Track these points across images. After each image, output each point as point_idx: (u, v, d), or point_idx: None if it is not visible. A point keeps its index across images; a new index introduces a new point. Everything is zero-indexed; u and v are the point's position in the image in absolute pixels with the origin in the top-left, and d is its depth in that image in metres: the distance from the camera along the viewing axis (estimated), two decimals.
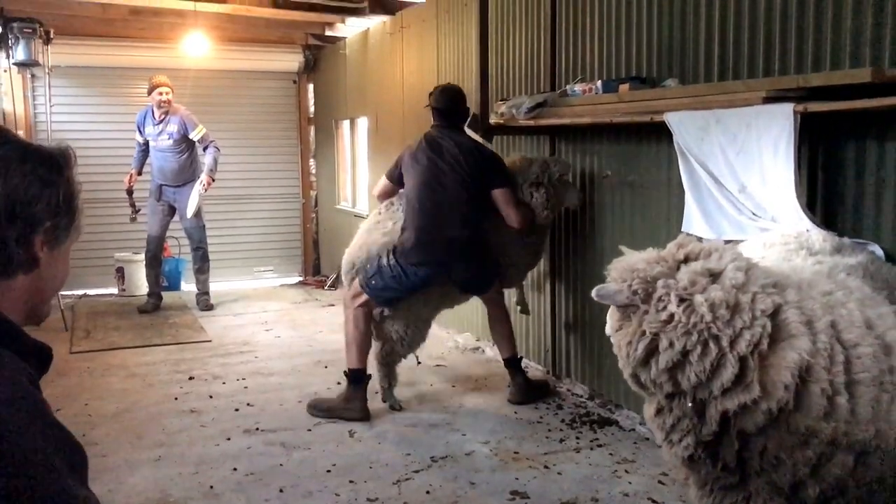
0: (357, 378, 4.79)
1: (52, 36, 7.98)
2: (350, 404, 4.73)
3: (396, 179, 4.99)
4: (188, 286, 8.95)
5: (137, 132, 8.03)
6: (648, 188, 4.37)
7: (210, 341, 6.85)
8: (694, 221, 3.66)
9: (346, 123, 9.52)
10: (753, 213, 3.37)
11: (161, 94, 7.74)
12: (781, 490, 2.36)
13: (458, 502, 3.72)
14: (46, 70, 8.20)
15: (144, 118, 7.94)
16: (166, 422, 4.80)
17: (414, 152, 4.85)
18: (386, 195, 5.12)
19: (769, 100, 3.18)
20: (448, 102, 4.92)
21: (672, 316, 2.28)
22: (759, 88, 3.26)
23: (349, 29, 8.89)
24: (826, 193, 3.39)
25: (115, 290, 8.98)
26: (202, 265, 8.19)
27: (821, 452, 2.26)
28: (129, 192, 7.91)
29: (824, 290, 2.43)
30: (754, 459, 2.35)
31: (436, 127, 4.92)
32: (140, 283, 8.62)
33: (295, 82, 10.27)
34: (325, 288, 9.43)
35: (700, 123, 3.53)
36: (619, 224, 4.64)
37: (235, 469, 4.10)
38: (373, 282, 4.72)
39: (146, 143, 7.99)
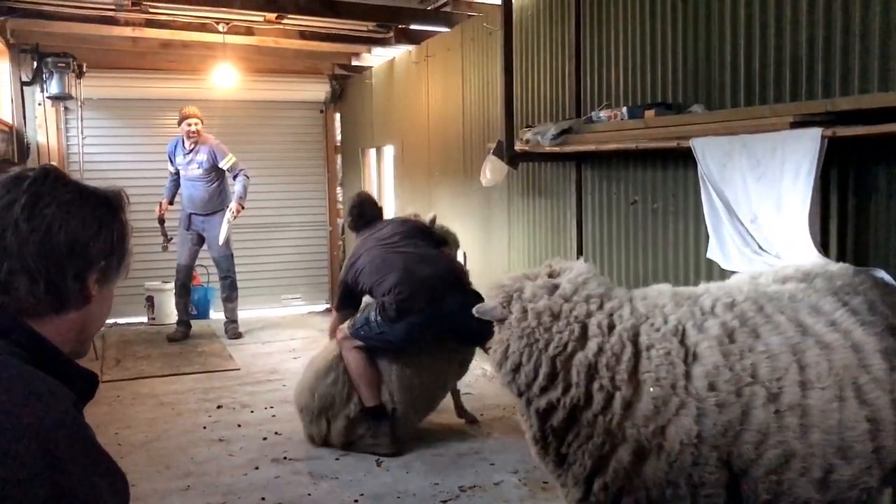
0: (376, 415, 4.71)
1: (84, 70, 8.16)
2: (378, 440, 4.69)
3: (353, 301, 5.00)
4: (217, 314, 9.02)
5: (169, 162, 8.17)
6: (676, 214, 4.34)
7: (238, 369, 6.88)
8: (712, 249, 3.68)
9: (372, 152, 9.59)
10: (760, 247, 3.39)
11: (190, 125, 7.86)
12: (580, 483, 2.61)
13: None
14: (79, 103, 8.38)
15: (175, 148, 8.07)
16: (195, 451, 4.82)
17: (358, 256, 4.95)
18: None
19: (797, 125, 3.16)
20: (359, 209, 5.26)
21: (511, 323, 2.65)
22: (787, 113, 3.24)
23: (375, 59, 8.99)
24: (857, 218, 3.34)
25: (144, 319, 9.07)
26: (230, 294, 8.25)
27: (601, 443, 2.50)
28: (161, 220, 8.02)
29: (656, 304, 2.64)
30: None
31: (363, 234, 5.15)
32: (170, 312, 8.71)
33: (322, 111, 10.38)
34: None
35: (725, 149, 3.51)
36: (646, 251, 4.60)
37: (263, 499, 4.10)
38: (361, 332, 4.72)
39: (177, 173, 8.12)
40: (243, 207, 7.97)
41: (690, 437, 2.38)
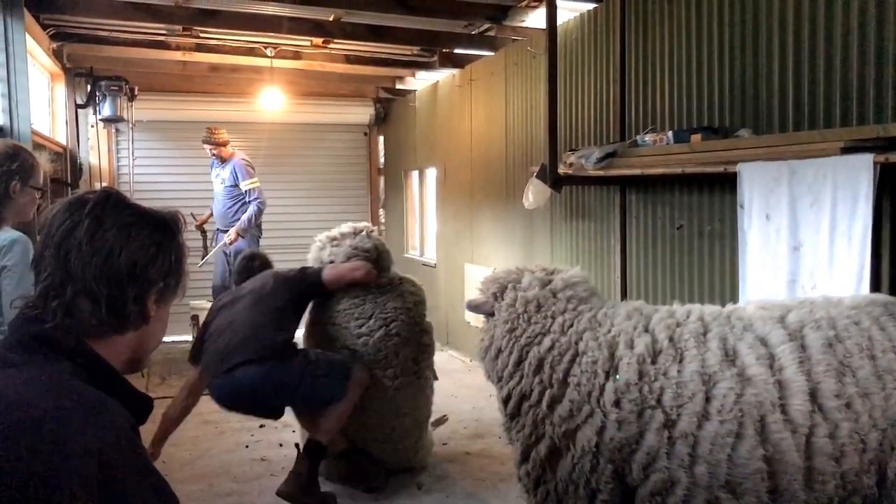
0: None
1: (136, 93, 8.36)
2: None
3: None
4: None
5: (211, 169, 8.34)
6: (723, 240, 4.28)
7: None
8: (742, 276, 3.67)
9: (414, 174, 9.66)
10: (793, 280, 3.34)
11: (206, 149, 8.08)
12: (516, 466, 2.84)
13: None
14: (130, 125, 8.58)
15: (213, 162, 8.23)
16: (237, 470, 4.85)
17: (219, 307, 4.60)
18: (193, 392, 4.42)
19: (847, 150, 3.11)
20: (248, 263, 4.92)
21: (500, 309, 2.84)
22: (837, 139, 3.19)
23: (419, 82, 9.07)
24: None
25: (189, 337, 9.17)
26: None
27: (528, 434, 2.70)
28: (202, 231, 8.11)
29: (616, 314, 2.74)
30: None
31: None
32: None
33: (366, 134, 10.50)
34: None
35: (773, 174, 3.48)
36: (691, 276, 4.55)
37: None
38: None
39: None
40: (241, 237, 7.87)
41: (590, 445, 2.53)
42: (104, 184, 8.97)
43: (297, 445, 4.41)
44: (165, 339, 5.77)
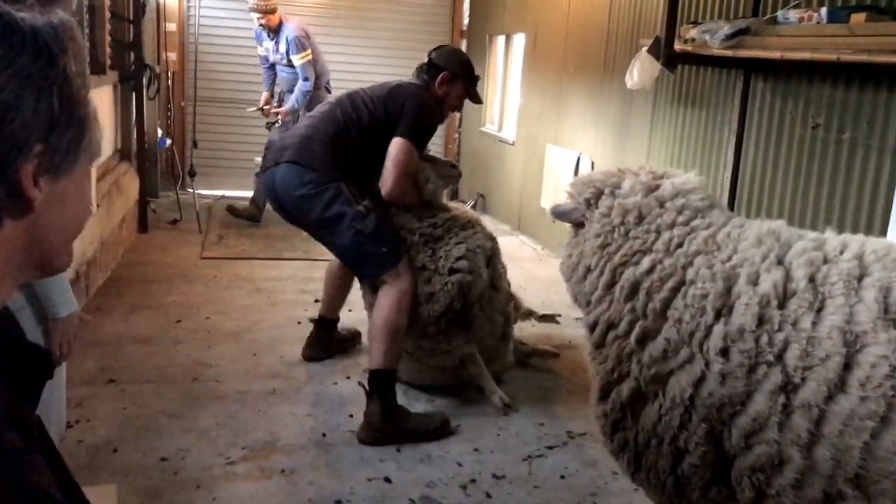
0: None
1: None
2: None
3: None
4: None
5: (258, 44, 7.65)
6: (869, 148, 3.56)
7: None
8: None
9: (501, 39, 8.85)
10: None
11: (255, 19, 7.30)
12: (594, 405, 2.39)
13: (597, 494, 3.21)
14: None
15: (260, 31, 7.48)
16: (286, 349, 4.49)
17: None
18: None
19: None
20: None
21: (591, 220, 2.33)
22: None
23: None
24: None
25: (251, 193, 8.82)
26: None
27: (610, 370, 2.23)
28: (264, 111, 7.62)
29: (741, 236, 2.14)
30: None
31: None
32: None
33: None
34: None
35: None
36: (820, 187, 3.85)
37: (351, 416, 3.75)
38: None
39: (268, 60, 7.59)
40: (285, 116, 7.32)
41: (683, 397, 2.05)
42: (171, 24, 8.44)
43: (360, 383, 3.78)
44: (229, 193, 5.24)
